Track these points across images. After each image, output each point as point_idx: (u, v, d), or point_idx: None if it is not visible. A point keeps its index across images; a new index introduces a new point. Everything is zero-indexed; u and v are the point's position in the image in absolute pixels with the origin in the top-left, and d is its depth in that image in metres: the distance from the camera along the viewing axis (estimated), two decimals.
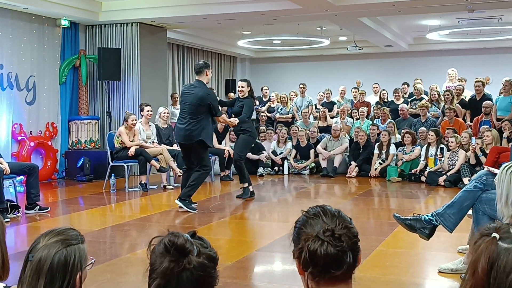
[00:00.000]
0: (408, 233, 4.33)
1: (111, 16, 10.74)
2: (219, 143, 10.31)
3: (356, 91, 13.24)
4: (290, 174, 10.80)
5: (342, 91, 13.31)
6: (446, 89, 11.46)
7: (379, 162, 10.21)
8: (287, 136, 11.22)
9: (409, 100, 11.93)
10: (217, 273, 1.61)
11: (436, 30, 12.82)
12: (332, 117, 12.16)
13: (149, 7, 10.50)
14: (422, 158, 9.64)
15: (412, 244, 5.03)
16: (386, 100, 12.36)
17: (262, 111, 12.50)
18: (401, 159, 9.98)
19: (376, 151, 10.31)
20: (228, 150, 10.01)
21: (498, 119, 9.71)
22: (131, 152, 8.54)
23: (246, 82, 7.74)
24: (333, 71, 16.30)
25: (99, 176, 9.78)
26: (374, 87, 13.31)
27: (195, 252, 1.56)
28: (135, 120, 8.78)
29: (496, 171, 3.67)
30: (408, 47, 15.25)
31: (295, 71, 16.64)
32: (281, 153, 11.07)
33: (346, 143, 10.89)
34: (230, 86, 15.83)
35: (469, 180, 5.93)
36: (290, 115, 12.43)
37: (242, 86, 7.66)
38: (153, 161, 8.65)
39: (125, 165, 8.84)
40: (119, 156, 8.74)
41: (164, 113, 9.60)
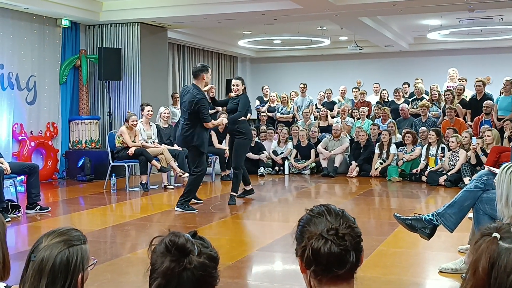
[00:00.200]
0: (409, 233, 4.33)
1: (112, 16, 10.75)
2: (220, 143, 10.30)
3: (356, 91, 13.24)
4: (290, 174, 10.79)
5: (343, 90, 13.31)
6: (447, 88, 11.47)
7: (380, 162, 10.21)
8: (288, 136, 11.22)
9: (410, 100, 11.92)
10: (218, 273, 1.61)
11: (437, 30, 12.82)
12: (332, 117, 12.17)
13: (150, 7, 10.50)
14: (423, 158, 9.64)
15: (412, 244, 5.03)
16: (386, 100, 12.34)
17: (263, 111, 12.50)
18: (402, 159, 9.97)
19: (376, 151, 10.30)
20: (228, 150, 9.99)
21: (498, 119, 9.71)
22: (131, 151, 8.55)
23: (241, 80, 7.71)
24: (334, 71, 16.30)
25: (100, 176, 9.77)
26: (374, 87, 13.30)
27: (196, 252, 1.56)
28: (136, 120, 8.78)
29: (497, 171, 3.67)
30: (409, 46, 15.24)
31: (296, 71, 16.63)
32: (282, 153, 11.07)
33: (346, 143, 10.89)
34: (231, 86, 15.77)
35: (469, 180, 5.92)
36: (290, 115, 12.42)
37: (236, 84, 7.62)
38: (154, 161, 8.65)
39: (125, 165, 8.84)
40: (119, 156, 8.74)
41: (165, 113, 9.60)
